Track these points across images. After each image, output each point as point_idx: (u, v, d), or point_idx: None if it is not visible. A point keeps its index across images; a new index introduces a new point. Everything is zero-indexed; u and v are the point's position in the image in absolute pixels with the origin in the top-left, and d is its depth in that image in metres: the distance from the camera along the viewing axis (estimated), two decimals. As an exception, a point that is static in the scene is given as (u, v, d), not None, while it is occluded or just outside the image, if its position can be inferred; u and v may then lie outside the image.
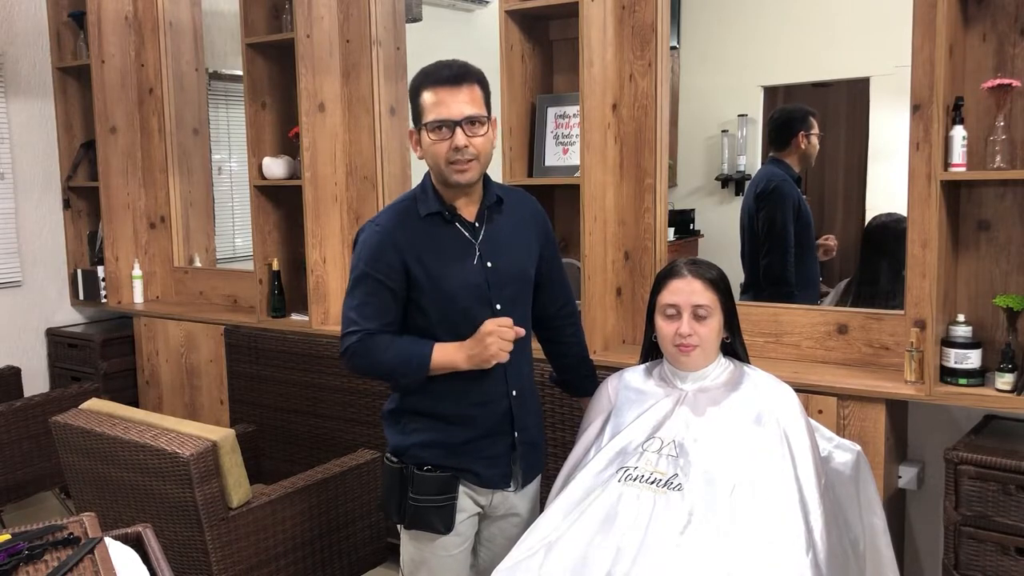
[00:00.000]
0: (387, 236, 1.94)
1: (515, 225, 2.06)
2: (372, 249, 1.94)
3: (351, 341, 1.94)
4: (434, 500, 1.98)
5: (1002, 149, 2.23)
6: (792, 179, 3.09)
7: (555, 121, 2.94)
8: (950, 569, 2.20)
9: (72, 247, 4.29)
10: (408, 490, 1.99)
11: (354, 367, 1.99)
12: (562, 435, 2.78)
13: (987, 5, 2.31)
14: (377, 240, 1.94)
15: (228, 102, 4.34)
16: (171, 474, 2.27)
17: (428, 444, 2.00)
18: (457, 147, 1.88)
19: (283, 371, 3.49)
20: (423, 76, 1.93)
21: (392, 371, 1.97)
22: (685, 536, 1.81)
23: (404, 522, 2.03)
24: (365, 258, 1.94)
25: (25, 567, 1.56)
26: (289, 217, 3.64)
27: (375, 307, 1.93)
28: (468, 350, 1.92)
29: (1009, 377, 2.22)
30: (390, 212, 2.01)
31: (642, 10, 2.82)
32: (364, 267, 1.94)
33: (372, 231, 1.97)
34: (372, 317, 1.93)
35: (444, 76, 1.89)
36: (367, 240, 1.96)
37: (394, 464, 2.03)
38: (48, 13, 4.17)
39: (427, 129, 1.90)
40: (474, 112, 1.88)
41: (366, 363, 1.96)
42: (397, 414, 2.06)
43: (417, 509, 1.99)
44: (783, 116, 3.21)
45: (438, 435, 2.01)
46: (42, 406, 3.35)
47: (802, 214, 3.11)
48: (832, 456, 2.13)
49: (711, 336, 2.00)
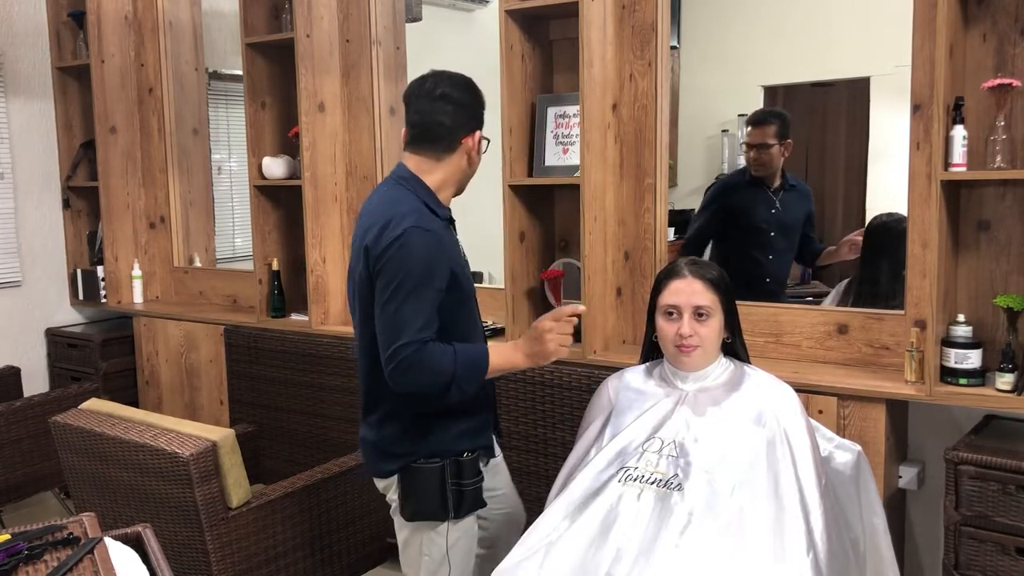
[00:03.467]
0: (441, 244, 1.93)
1: None
2: (432, 259, 1.90)
3: (406, 353, 1.85)
4: (475, 482, 2.06)
5: (1002, 149, 2.23)
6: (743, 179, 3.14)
7: (555, 121, 2.94)
8: (950, 569, 2.20)
9: (72, 247, 4.29)
10: (450, 482, 2.02)
11: (408, 380, 1.89)
12: (562, 435, 2.78)
13: (987, 5, 2.30)
14: (436, 249, 1.91)
15: (228, 102, 4.34)
16: (171, 474, 2.27)
17: (462, 433, 2.06)
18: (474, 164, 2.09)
19: (283, 371, 3.49)
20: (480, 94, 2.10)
21: (448, 381, 1.90)
22: (685, 536, 1.81)
23: (459, 513, 2.05)
24: (424, 268, 1.88)
25: (25, 567, 1.56)
26: (289, 217, 3.64)
27: (429, 316, 1.89)
28: (526, 349, 1.98)
29: (1009, 377, 2.22)
30: (426, 217, 1.95)
31: (642, 10, 2.82)
32: (427, 277, 1.88)
33: (429, 238, 1.91)
34: (425, 327, 1.87)
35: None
36: (426, 248, 1.89)
37: (435, 464, 2.01)
38: (48, 13, 4.17)
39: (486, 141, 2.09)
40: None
41: (420, 373, 1.87)
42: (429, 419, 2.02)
43: (468, 495, 2.04)
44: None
45: (468, 422, 2.08)
46: (42, 406, 3.34)
47: (740, 212, 3.15)
48: (832, 456, 2.13)
49: (712, 336, 2.00)
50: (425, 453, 2.02)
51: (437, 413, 2.02)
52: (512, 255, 2.89)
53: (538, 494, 2.72)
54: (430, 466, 2.01)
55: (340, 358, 3.31)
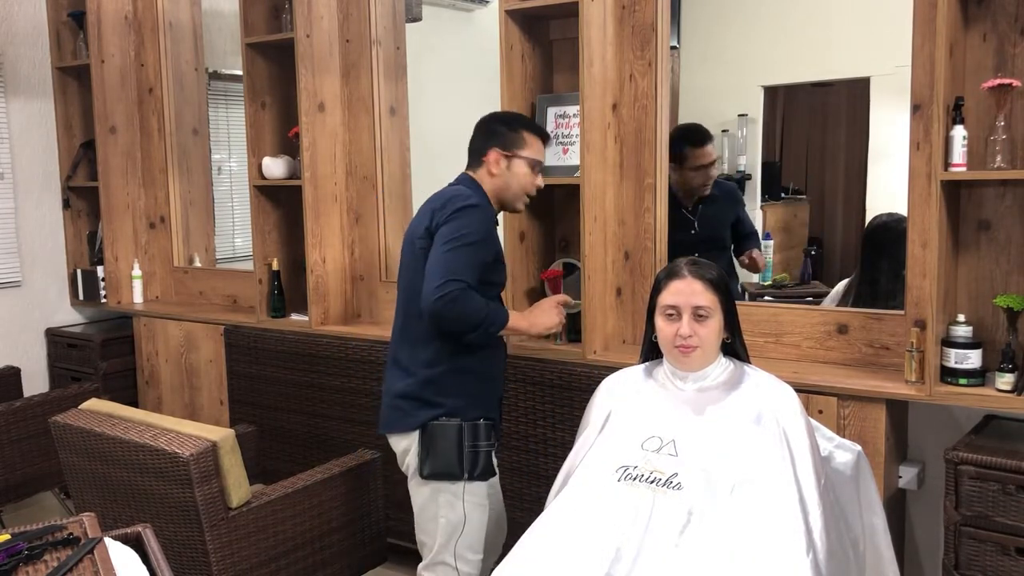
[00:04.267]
0: (493, 227, 2.31)
1: None
2: (488, 230, 2.26)
3: (455, 287, 2.13)
4: (489, 446, 2.30)
5: (1002, 149, 2.23)
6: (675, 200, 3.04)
7: (555, 121, 2.94)
8: (950, 569, 2.20)
9: (72, 247, 4.29)
10: (468, 443, 2.26)
11: (448, 310, 2.14)
12: (562, 435, 2.78)
13: (987, 5, 2.30)
14: (490, 225, 2.30)
15: (228, 102, 4.34)
16: (171, 474, 2.27)
17: (478, 399, 2.31)
18: (539, 187, 2.43)
19: (283, 371, 3.49)
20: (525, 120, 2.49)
21: (482, 321, 2.20)
22: (684, 536, 1.81)
23: (472, 474, 2.26)
24: (485, 232, 2.24)
25: (25, 567, 1.56)
26: (289, 217, 3.64)
27: (476, 272, 2.19)
28: (532, 318, 2.41)
29: (1009, 377, 2.22)
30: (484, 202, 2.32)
31: (642, 10, 2.82)
32: (484, 238, 2.23)
33: (488, 217, 2.29)
34: (473, 278, 2.18)
35: (545, 135, 2.48)
36: (485, 219, 2.26)
37: (454, 423, 2.26)
38: (48, 13, 4.17)
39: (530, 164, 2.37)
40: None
41: (462, 308, 2.15)
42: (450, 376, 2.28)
43: (482, 457, 2.27)
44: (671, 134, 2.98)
45: (485, 390, 2.34)
46: (42, 406, 3.34)
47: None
48: (832, 456, 2.13)
49: (711, 337, 2.00)
50: (447, 410, 2.27)
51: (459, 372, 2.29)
52: (512, 255, 2.89)
53: (538, 494, 2.72)
54: (450, 423, 2.25)
55: (340, 358, 3.31)
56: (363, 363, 3.23)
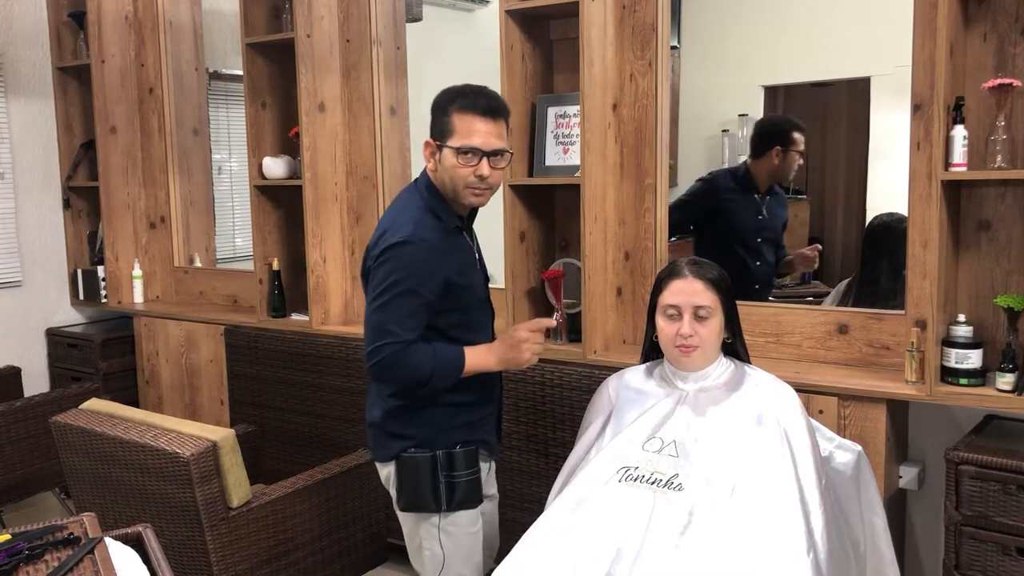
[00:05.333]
0: (433, 253, 2.01)
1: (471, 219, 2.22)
2: (420, 266, 1.99)
3: (389, 351, 1.97)
4: (468, 474, 2.10)
5: (1003, 149, 2.23)
6: (743, 182, 3.10)
7: (555, 121, 2.94)
8: (951, 569, 2.20)
9: (72, 247, 4.29)
10: (443, 473, 2.08)
11: (384, 376, 2.03)
12: (562, 435, 2.78)
13: (988, 5, 2.30)
14: (425, 257, 1.99)
15: (228, 102, 4.34)
16: (171, 474, 2.27)
17: (455, 425, 2.11)
18: (481, 176, 2.01)
19: (283, 371, 3.49)
20: (457, 96, 2.02)
21: (427, 378, 2.02)
22: (685, 536, 1.81)
23: (450, 506, 2.09)
24: (412, 275, 1.98)
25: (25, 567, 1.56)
26: (289, 217, 3.64)
27: (415, 320, 1.99)
28: (500, 354, 2.08)
29: (1010, 377, 2.22)
30: (425, 226, 2.03)
31: (642, 10, 2.82)
32: (411, 283, 1.97)
33: (419, 247, 1.99)
34: (411, 329, 1.99)
35: (481, 106, 2.00)
36: (415, 256, 1.98)
37: (425, 454, 2.08)
38: (48, 13, 4.17)
39: (455, 152, 1.99)
40: (502, 147, 2.03)
41: (401, 372, 2.00)
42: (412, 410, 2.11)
43: (458, 487, 2.08)
44: (763, 127, 3.20)
45: (463, 415, 2.13)
46: (42, 406, 3.34)
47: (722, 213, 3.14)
48: (833, 456, 2.13)
49: (712, 337, 2.00)
50: (417, 441, 2.10)
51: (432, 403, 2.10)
52: (512, 255, 2.89)
53: (538, 494, 2.72)
54: (421, 455, 2.09)
55: (340, 358, 3.31)
56: (363, 363, 3.23)
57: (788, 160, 3.11)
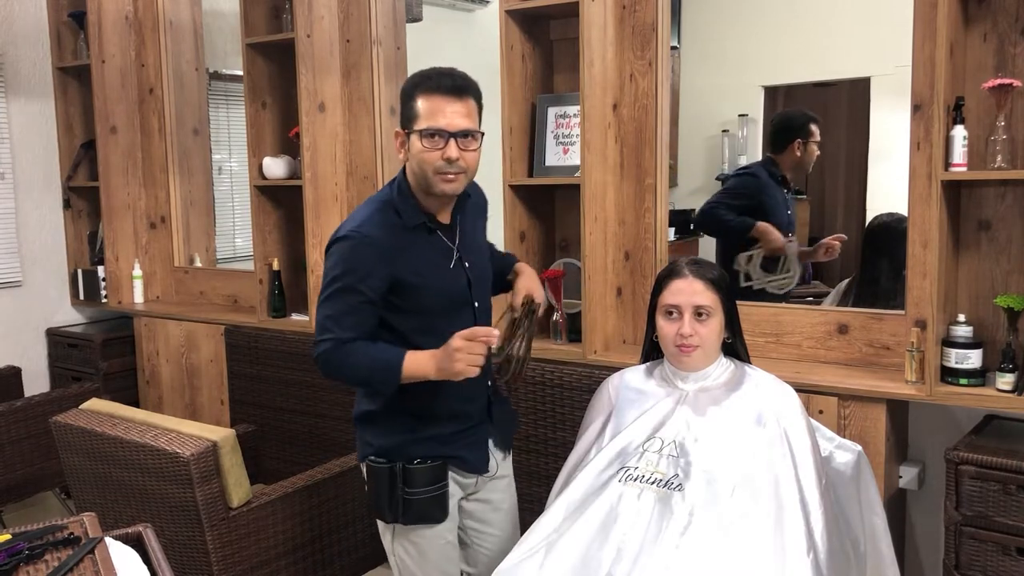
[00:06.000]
0: (375, 249, 1.91)
1: (473, 218, 2.11)
2: (359, 262, 1.90)
3: (325, 347, 1.92)
4: (430, 490, 2.00)
5: (1003, 149, 2.23)
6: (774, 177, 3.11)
7: (555, 121, 2.94)
8: (951, 569, 2.20)
9: (72, 247, 4.29)
10: (401, 486, 1.99)
11: (327, 373, 1.96)
12: (562, 435, 2.77)
13: (988, 5, 2.30)
14: (365, 253, 1.91)
15: (228, 102, 4.34)
16: (171, 474, 2.27)
17: (418, 439, 2.02)
18: (449, 159, 1.87)
19: (283, 371, 3.49)
20: (421, 79, 1.91)
21: (365, 379, 1.96)
22: (685, 536, 1.81)
23: (402, 519, 2.01)
24: (351, 271, 1.90)
25: (25, 567, 1.56)
26: (289, 217, 3.64)
27: (354, 318, 1.92)
28: (439, 362, 1.88)
29: (1010, 377, 2.22)
30: (372, 223, 1.95)
31: (642, 10, 2.82)
32: (349, 280, 1.90)
33: (359, 242, 1.91)
34: (349, 327, 1.91)
35: (445, 86, 1.88)
36: (353, 251, 1.91)
37: (382, 464, 2.01)
38: (48, 13, 4.17)
39: (420, 136, 1.88)
40: (469, 126, 1.89)
41: (338, 370, 1.94)
42: (377, 416, 2.05)
43: (414, 503, 2.00)
44: (782, 121, 3.23)
45: (427, 429, 2.03)
46: (42, 406, 3.34)
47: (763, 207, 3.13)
48: (833, 456, 2.13)
49: (712, 336, 2.00)
50: (376, 450, 2.04)
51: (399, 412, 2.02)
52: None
53: (538, 494, 2.72)
54: (379, 466, 2.02)
55: (340, 358, 3.30)
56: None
57: (808, 152, 3.12)
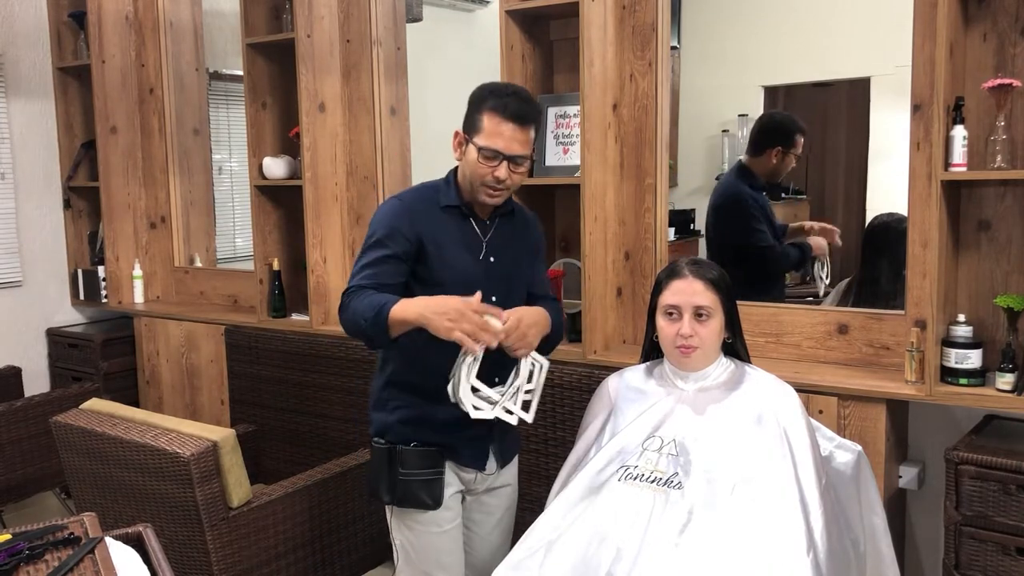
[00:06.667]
0: (408, 209, 2.04)
1: (518, 233, 2.20)
2: (392, 218, 2.03)
3: (344, 299, 1.99)
4: (422, 474, 2.07)
5: (1003, 149, 2.23)
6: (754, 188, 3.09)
7: (555, 121, 2.94)
8: (951, 569, 2.20)
9: (72, 247, 4.29)
10: (396, 467, 2.07)
11: (341, 321, 1.99)
12: (562, 435, 2.78)
13: (987, 5, 2.30)
14: (398, 211, 2.04)
15: (228, 102, 4.34)
16: (171, 474, 2.27)
17: (412, 421, 2.08)
18: (498, 178, 1.99)
19: (283, 371, 3.49)
20: (491, 96, 2.01)
21: (357, 319, 1.93)
22: (685, 535, 1.81)
23: (394, 500, 2.09)
24: (383, 225, 2.02)
25: (25, 567, 1.56)
26: (289, 217, 3.64)
27: (375, 270, 2.00)
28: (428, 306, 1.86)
29: (1009, 377, 2.22)
30: (415, 192, 2.13)
31: (642, 10, 2.82)
32: (379, 234, 2.01)
33: (394, 203, 2.07)
34: (371, 277, 1.99)
35: (512, 111, 1.98)
36: (389, 210, 2.05)
37: (381, 444, 2.11)
38: (48, 13, 4.17)
39: (479, 151, 1.99)
40: (524, 152, 2.01)
41: (344, 316, 1.98)
42: (383, 391, 2.14)
43: (407, 485, 2.06)
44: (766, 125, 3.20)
45: (423, 412, 2.08)
46: (42, 406, 3.34)
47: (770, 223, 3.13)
48: (833, 456, 2.13)
49: (712, 337, 2.00)
50: (375, 429, 2.15)
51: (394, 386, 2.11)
52: (512, 255, 2.89)
53: (538, 493, 2.72)
54: (378, 445, 2.12)
55: (340, 358, 3.31)
56: (363, 363, 3.23)
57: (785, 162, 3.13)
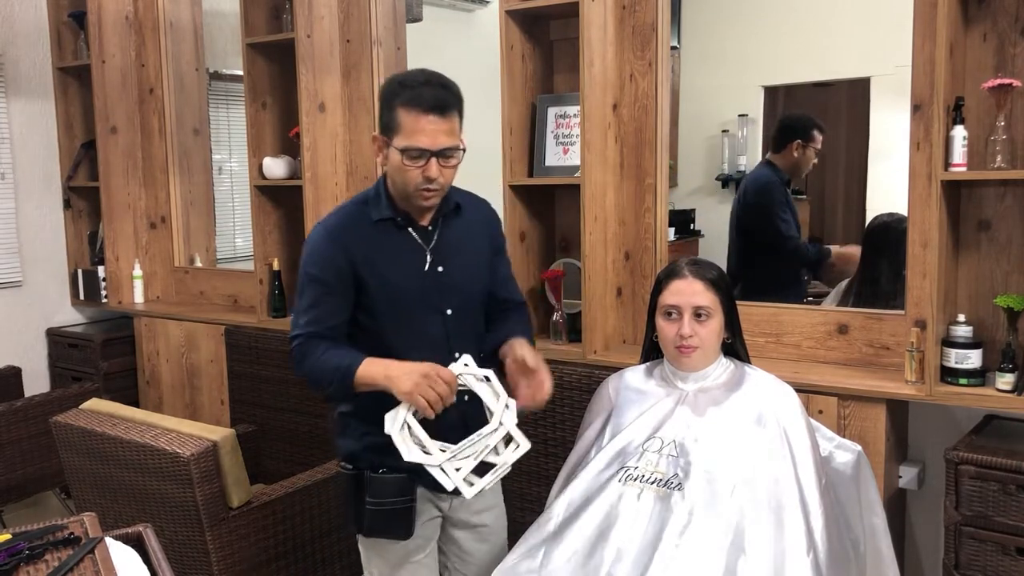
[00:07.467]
0: (334, 239, 1.90)
1: (470, 231, 2.03)
2: (319, 253, 1.90)
3: (293, 344, 1.91)
4: (393, 503, 1.91)
5: (1003, 149, 2.23)
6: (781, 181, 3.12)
7: (555, 121, 2.94)
8: (950, 569, 2.20)
9: (72, 247, 4.29)
10: (364, 495, 1.91)
11: (297, 371, 1.92)
12: (562, 435, 2.78)
13: (987, 5, 2.30)
14: (324, 244, 1.90)
15: (228, 102, 4.34)
16: (171, 474, 2.27)
17: (382, 448, 1.86)
18: (429, 178, 1.83)
19: (283, 371, 3.48)
20: (402, 89, 1.84)
21: (320, 379, 1.88)
22: (685, 536, 1.81)
23: (363, 530, 1.95)
24: (312, 262, 1.91)
25: (25, 567, 1.56)
26: (289, 217, 3.64)
27: (320, 310, 1.89)
28: (394, 370, 1.80)
29: (1009, 377, 2.22)
30: (339, 214, 1.96)
31: (642, 10, 2.82)
32: (313, 270, 1.90)
33: (319, 232, 1.92)
34: (315, 321, 1.89)
35: (428, 101, 1.80)
36: (315, 243, 1.92)
37: (349, 471, 1.96)
38: (48, 13, 4.17)
39: (401, 153, 1.83)
40: (451, 144, 1.84)
41: (302, 368, 1.90)
42: (348, 418, 2.00)
43: (375, 514, 1.91)
44: (785, 122, 3.24)
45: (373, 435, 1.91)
46: (42, 406, 3.34)
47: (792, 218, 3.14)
48: (833, 456, 2.13)
49: (712, 337, 2.00)
50: (342, 455, 2.01)
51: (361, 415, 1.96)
52: (512, 255, 2.88)
53: (538, 494, 2.72)
54: (344, 471, 1.98)
55: (340, 358, 3.30)
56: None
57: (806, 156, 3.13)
